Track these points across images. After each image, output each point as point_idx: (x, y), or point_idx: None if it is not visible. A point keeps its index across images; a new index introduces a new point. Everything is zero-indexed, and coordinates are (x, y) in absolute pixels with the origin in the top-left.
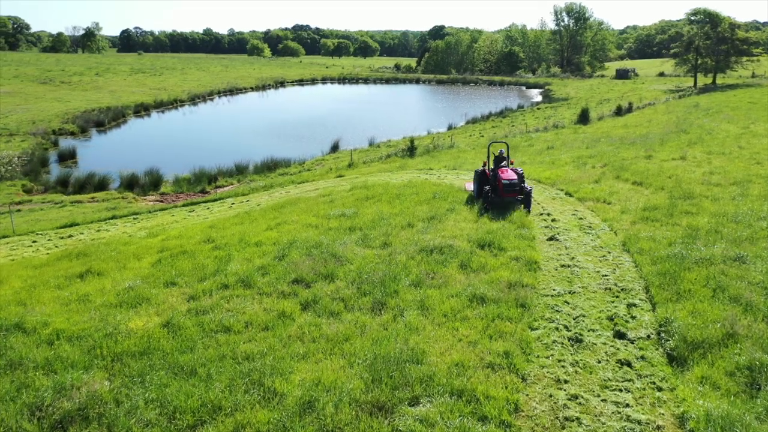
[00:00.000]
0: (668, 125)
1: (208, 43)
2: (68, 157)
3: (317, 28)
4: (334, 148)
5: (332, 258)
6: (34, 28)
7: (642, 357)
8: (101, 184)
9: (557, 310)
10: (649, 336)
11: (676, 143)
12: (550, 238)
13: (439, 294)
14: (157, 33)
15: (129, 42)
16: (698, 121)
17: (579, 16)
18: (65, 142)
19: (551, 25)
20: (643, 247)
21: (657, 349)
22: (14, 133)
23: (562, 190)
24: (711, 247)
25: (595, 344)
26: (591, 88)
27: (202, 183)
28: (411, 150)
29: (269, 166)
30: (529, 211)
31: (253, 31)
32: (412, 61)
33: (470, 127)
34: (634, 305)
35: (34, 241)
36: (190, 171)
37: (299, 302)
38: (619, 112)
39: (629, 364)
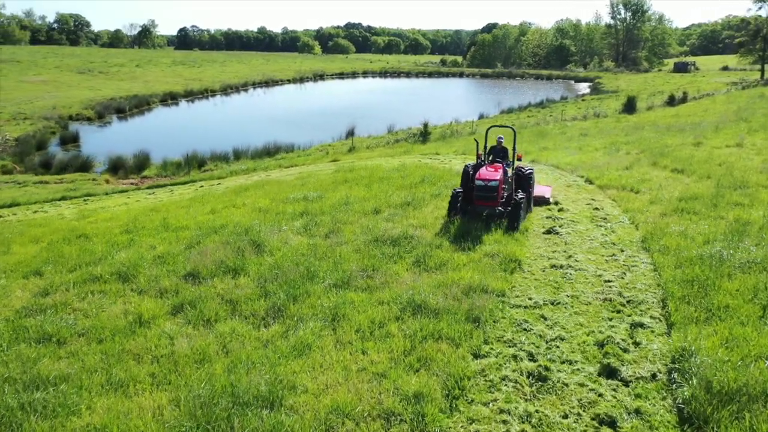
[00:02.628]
0: (726, 114)
1: (262, 42)
2: (71, 140)
3: (369, 26)
4: (350, 134)
5: (252, 247)
6: (97, 27)
7: (637, 411)
8: (84, 166)
9: (525, 329)
10: (654, 376)
11: (734, 130)
12: (548, 231)
13: (365, 299)
14: (212, 31)
15: (186, 40)
16: (762, 110)
17: (637, 8)
18: (76, 127)
19: (607, 19)
20: (669, 244)
21: (663, 399)
22: (28, 117)
23: (582, 176)
24: (766, 247)
25: (567, 385)
26: (645, 81)
27: (191, 166)
28: (424, 135)
29: (269, 152)
30: (514, 229)
31: (307, 30)
32: (460, 58)
33: (502, 117)
34: (641, 326)
35: None
36: (183, 155)
37: (173, 304)
38: (671, 102)
39: (613, 424)
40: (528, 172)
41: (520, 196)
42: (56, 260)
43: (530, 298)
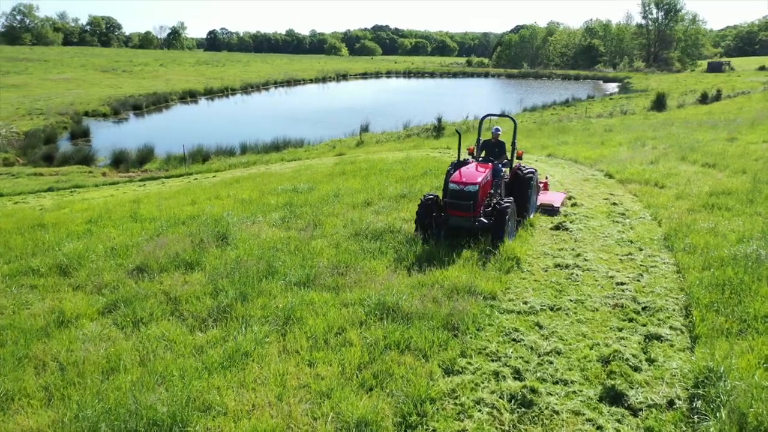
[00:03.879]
0: (763, 111)
1: (290, 44)
2: (81, 135)
3: (396, 29)
4: (364, 130)
5: (216, 239)
6: (129, 29)
7: None
8: (85, 160)
9: (514, 340)
10: (671, 403)
11: None
12: (557, 227)
13: (328, 300)
14: (241, 34)
15: (215, 42)
16: None
17: (670, 8)
18: (89, 123)
19: (638, 19)
20: (696, 242)
21: None
22: (43, 113)
23: (601, 170)
24: None
25: (557, 413)
26: (676, 81)
27: (195, 160)
28: (438, 130)
29: (277, 147)
30: (496, 245)
31: (335, 32)
32: (487, 60)
33: (524, 115)
34: (658, 338)
35: None
36: (189, 149)
37: (108, 302)
38: (704, 99)
39: None
40: (528, 173)
41: (506, 203)
42: None
43: (525, 302)
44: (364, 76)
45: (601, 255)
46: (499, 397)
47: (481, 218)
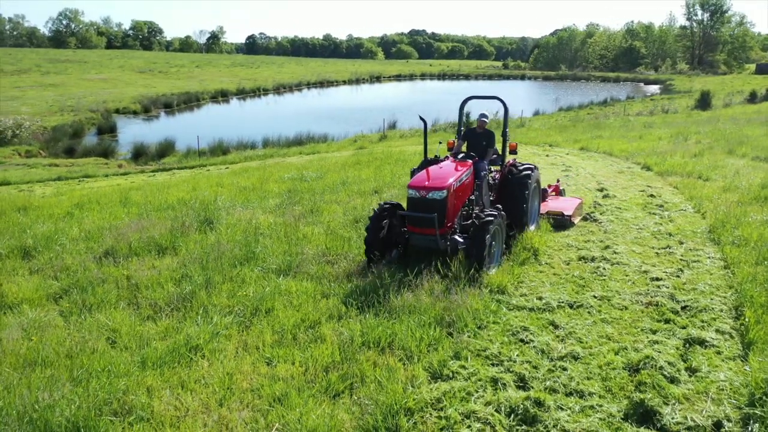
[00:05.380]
0: None
1: (327, 48)
2: (108, 131)
3: (433, 33)
4: (391, 127)
5: (200, 224)
6: (170, 34)
7: None
8: (105, 153)
9: (522, 341)
10: (718, 426)
11: None
12: (584, 218)
13: (307, 290)
14: (279, 38)
15: (254, 47)
16: None
17: (716, 9)
18: (117, 119)
19: (682, 21)
20: (747, 235)
21: None
22: (75, 110)
23: (638, 163)
24: None
25: None
26: (722, 82)
27: (215, 154)
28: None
29: (300, 141)
30: (481, 268)
31: (371, 37)
32: (524, 63)
33: (559, 114)
34: (701, 343)
35: None
36: (209, 144)
37: (62, 286)
38: (752, 99)
39: None
40: (524, 171)
41: (488, 214)
42: None
43: (540, 298)
44: (398, 78)
45: (634, 248)
46: (495, 410)
47: (456, 236)
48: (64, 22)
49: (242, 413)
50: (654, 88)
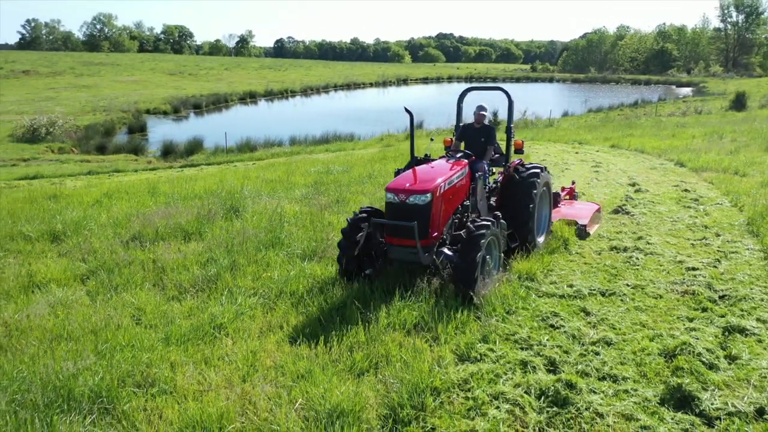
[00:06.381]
0: None
1: (354, 52)
2: (138, 130)
3: (460, 37)
4: (418, 126)
5: (226, 211)
6: (200, 38)
7: None
8: (135, 150)
9: (552, 326)
10: (760, 412)
11: None
12: (616, 210)
13: (334, 273)
14: (307, 42)
15: (282, 51)
16: None
17: (751, 10)
18: (148, 119)
19: (716, 23)
20: None
21: None
22: (107, 110)
23: (671, 160)
24: None
25: (601, 416)
26: (758, 84)
27: (242, 152)
28: (494, 124)
29: (326, 140)
30: (467, 292)
31: (399, 41)
32: (552, 66)
33: (588, 116)
34: (741, 331)
35: None
36: (237, 142)
37: (89, 268)
38: None
39: None
40: (531, 172)
41: (481, 223)
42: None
43: (571, 286)
44: (425, 80)
45: (668, 239)
46: (525, 392)
47: (444, 248)
48: (98, 26)
49: (265, 388)
50: (686, 91)
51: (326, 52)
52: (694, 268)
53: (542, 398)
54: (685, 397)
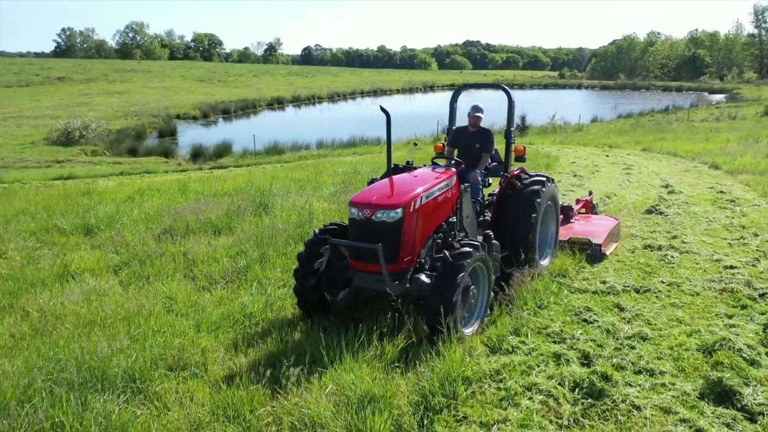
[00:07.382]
0: None
1: (381, 59)
2: (168, 134)
3: (488, 44)
4: (443, 131)
5: (255, 207)
6: (230, 46)
7: None
8: (165, 153)
9: (585, 321)
10: None
11: None
12: (649, 211)
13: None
14: (334, 50)
15: (309, 59)
16: None
17: None
18: (178, 124)
19: (750, 29)
20: None
21: None
22: (138, 115)
23: (705, 163)
24: None
25: (638, 409)
26: None
27: (270, 155)
28: (522, 129)
29: (353, 144)
30: (435, 331)
31: (425, 48)
32: (581, 73)
33: (618, 122)
34: None
35: None
36: (265, 145)
37: (122, 259)
38: None
39: None
40: (533, 183)
41: (466, 245)
42: (33, 211)
43: (604, 282)
44: (452, 87)
45: (704, 239)
46: (559, 384)
47: (421, 275)
48: (131, 34)
49: (295, 371)
50: (719, 97)
51: (353, 59)
52: (732, 267)
53: (576, 390)
54: (726, 392)
